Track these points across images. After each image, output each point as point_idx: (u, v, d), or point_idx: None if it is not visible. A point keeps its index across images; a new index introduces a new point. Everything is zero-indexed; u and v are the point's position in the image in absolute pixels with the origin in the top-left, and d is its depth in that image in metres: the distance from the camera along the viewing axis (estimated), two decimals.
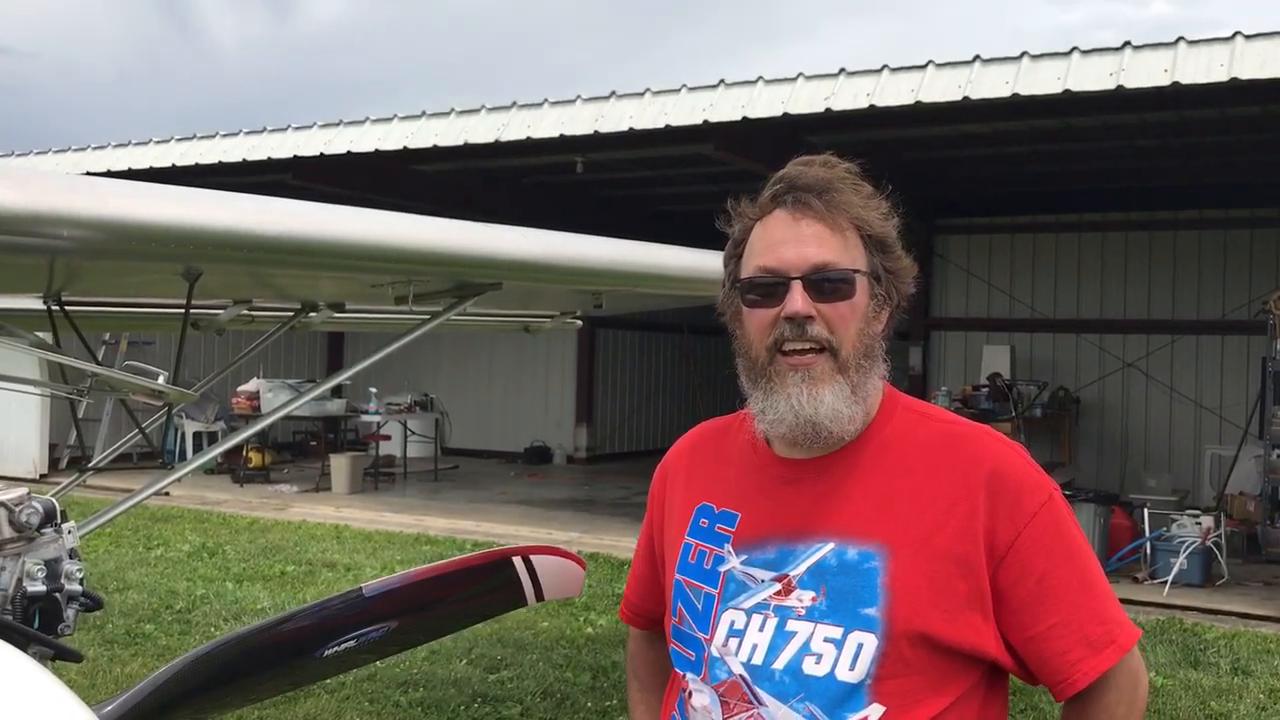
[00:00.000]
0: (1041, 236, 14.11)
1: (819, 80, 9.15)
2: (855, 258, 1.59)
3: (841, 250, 1.58)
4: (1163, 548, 8.82)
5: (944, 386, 13.19)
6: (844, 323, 1.57)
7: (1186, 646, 7.03)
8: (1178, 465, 13.01)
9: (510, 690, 5.82)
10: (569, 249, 3.45)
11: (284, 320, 4.11)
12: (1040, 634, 1.55)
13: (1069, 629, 1.55)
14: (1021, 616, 1.55)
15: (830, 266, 1.57)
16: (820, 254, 1.57)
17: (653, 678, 1.92)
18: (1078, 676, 1.55)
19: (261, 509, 11.93)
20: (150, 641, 6.59)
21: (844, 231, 1.59)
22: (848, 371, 1.57)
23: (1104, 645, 1.55)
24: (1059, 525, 1.58)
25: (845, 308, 1.57)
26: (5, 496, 1.94)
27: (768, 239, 1.61)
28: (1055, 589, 1.55)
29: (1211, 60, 7.76)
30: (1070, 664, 1.55)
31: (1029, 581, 1.54)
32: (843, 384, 1.57)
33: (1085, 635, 1.55)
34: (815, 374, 1.56)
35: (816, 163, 1.64)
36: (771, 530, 1.62)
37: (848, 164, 1.65)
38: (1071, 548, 1.58)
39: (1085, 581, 1.58)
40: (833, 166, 1.64)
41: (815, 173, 1.62)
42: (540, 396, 17.94)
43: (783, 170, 1.65)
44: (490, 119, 10.69)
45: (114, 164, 12.70)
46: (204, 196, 2.53)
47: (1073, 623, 1.55)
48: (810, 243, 1.57)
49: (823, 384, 1.56)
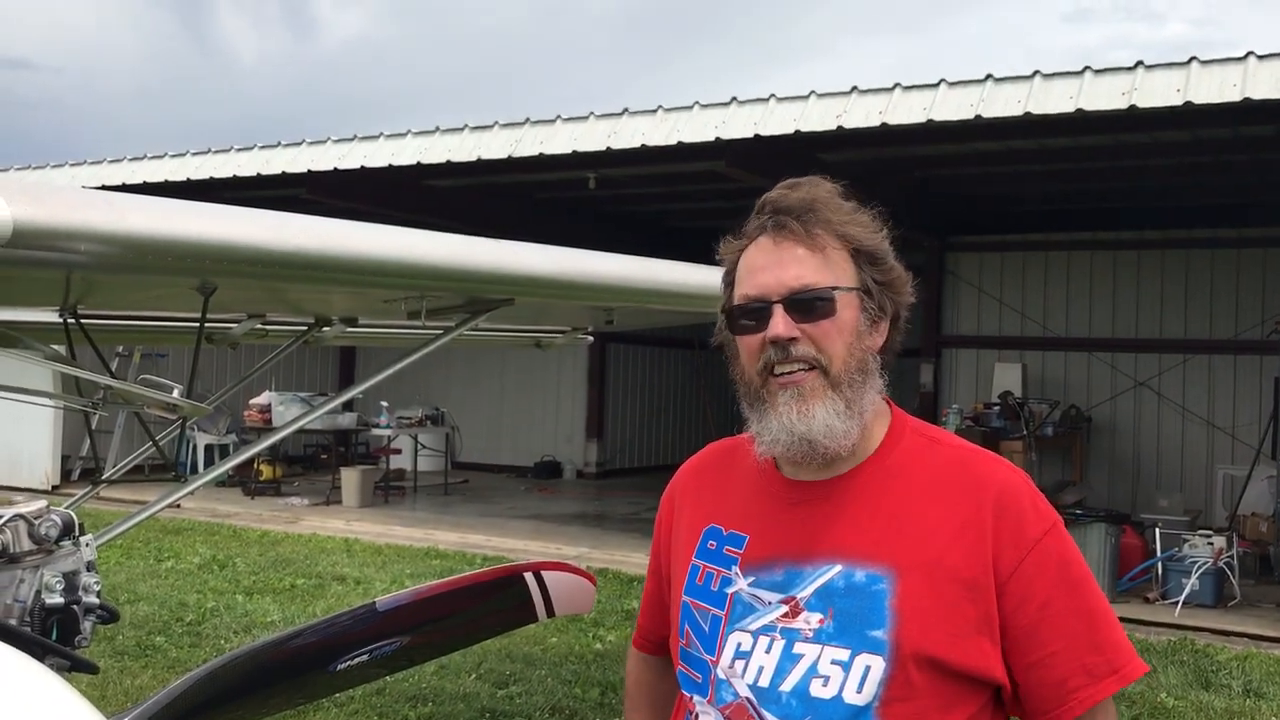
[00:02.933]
0: (1054, 254, 14.09)
1: (831, 98, 9.18)
2: (839, 275, 1.60)
3: (821, 269, 1.59)
4: (1174, 568, 8.77)
5: (955, 404, 13.17)
6: (829, 340, 1.58)
7: (1198, 668, 6.99)
8: (1190, 485, 12.94)
9: (519, 706, 5.81)
10: (582, 265, 3.46)
11: (297, 334, 4.13)
12: (1040, 660, 1.55)
13: (1069, 656, 1.55)
14: (1021, 644, 1.55)
15: (808, 288, 1.58)
16: (799, 276, 1.58)
17: (644, 698, 1.95)
18: (1074, 704, 1.55)
19: (272, 522, 11.95)
20: (161, 654, 6.60)
21: (825, 250, 1.60)
22: (840, 387, 1.58)
23: (1105, 675, 1.56)
24: (1061, 554, 1.58)
25: (829, 325, 1.58)
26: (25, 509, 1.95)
27: (750, 266, 1.63)
28: (1056, 617, 1.55)
29: (1224, 80, 7.76)
30: (1069, 691, 1.55)
31: (1030, 608, 1.55)
32: (835, 399, 1.57)
33: (1085, 664, 1.55)
34: (805, 390, 1.57)
35: (801, 184, 1.65)
36: (779, 552, 1.62)
37: (830, 184, 1.66)
38: (1074, 576, 1.58)
39: (1087, 610, 1.58)
40: (816, 186, 1.65)
41: (796, 195, 1.63)
42: (551, 411, 17.95)
43: (766, 194, 1.66)
44: (504, 134, 10.73)
45: (129, 178, 12.77)
46: (219, 211, 2.54)
47: (1073, 651, 1.55)
48: (790, 266, 1.59)
49: (813, 400, 1.57)
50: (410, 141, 11.33)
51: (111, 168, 13.30)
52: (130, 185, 12.36)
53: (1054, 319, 14.04)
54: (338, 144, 11.78)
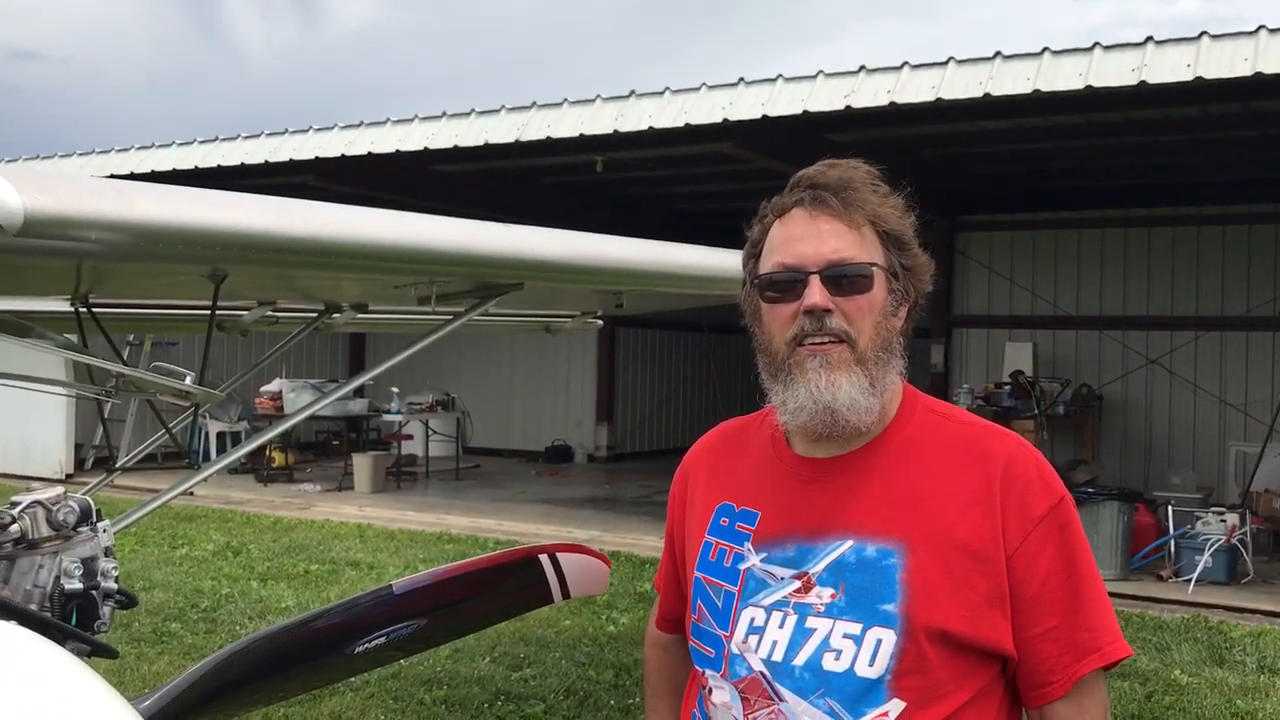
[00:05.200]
0: (1064, 233, 14.02)
1: (839, 78, 9.13)
2: (872, 253, 1.62)
3: (858, 246, 1.61)
4: (1187, 545, 8.77)
5: (966, 384, 13.13)
6: (861, 316, 1.60)
7: (1212, 645, 6.99)
8: (1202, 462, 12.91)
9: (533, 688, 5.84)
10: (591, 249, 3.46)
11: (308, 321, 4.14)
12: (1037, 635, 1.57)
13: (1061, 633, 1.57)
14: (1020, 617, 1.57)
15: (847, 261, 1.60)
16: (837, 249, 1.60)
17: (664, 684, 1.95)
18: (1063, 679, 1.57)
19: (285, 508, 12.00)
20: (176, 640, 6.65)
21: (860, 228, 1.62)
22: (865, 363, 1.60)
23: (1088, 651, 1.58)
24: (1065, 530, 1.60)
25: (862, 301, 1.60)
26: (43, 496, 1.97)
27: (786, 236, 1.64)
28: (1054, 592, 1.57)
29: (1235, 54, 7.71)
30: (1063, 666, 1.57)
31: (1034, 582, 1.56)
32: (860, 375, 1.59)
33: (1074, 640, 1.57)
34: (833, 361, 1.58)
35: (840, 164, 1.67)
36: (791, 528, 1.64)
37: (869, 166, 1.68)
38: (1075, 553, 1.60)
39: (1083, 588, 1.59)
40: (854, 168, 1.67)
41: (834, 173, 1.65)
42: (561, 395, 17.97)
43: (803, 171, 1.68)
44: (510, 119, 10.71)
45: (137, 166, 12.79)
46: (229, 199, 2.55)
47: (1065, 628, 1.57)
48: (827, 239, 1.60)
49: (840, 371, 1.58)
50: (417, 127, 11.31)
51: (120, 157, 13.31)
52: (139, 174, 12.38)
53: (1065, 297, 13.99)
54: (345, 130, 11.77)
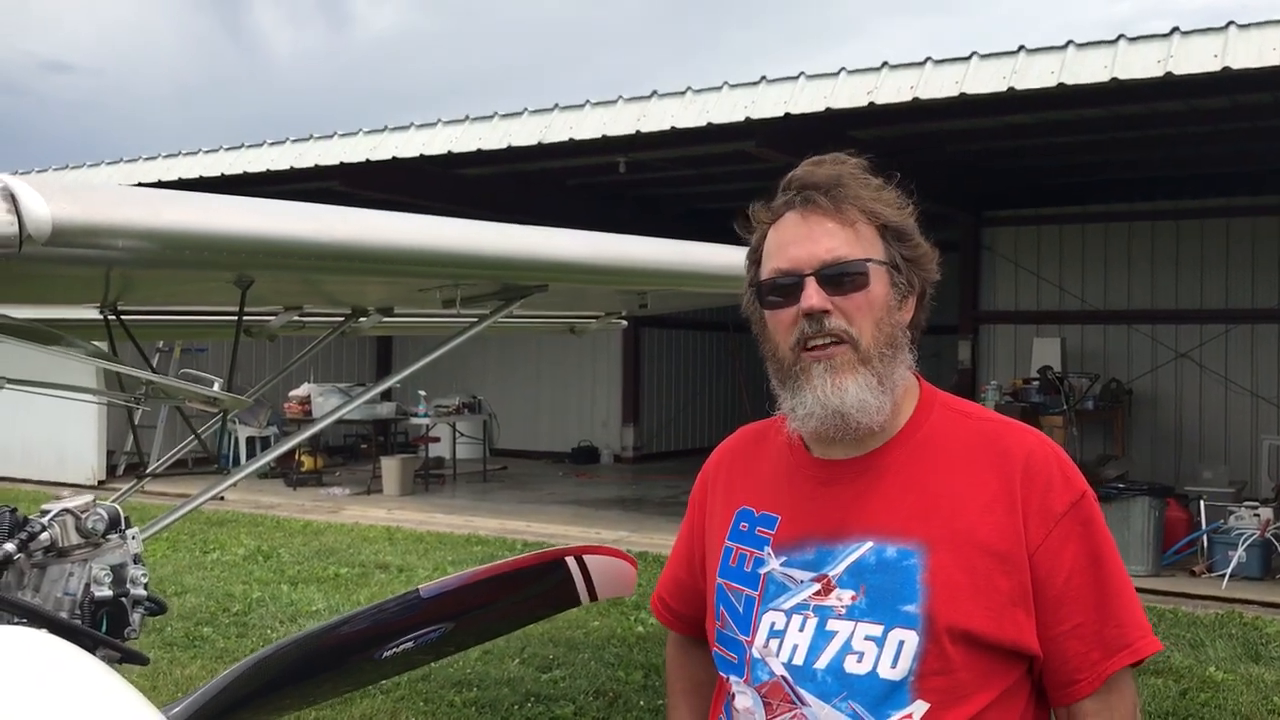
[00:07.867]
0: (1090, 227, 13.91)
1: (861, 74, 9.10)
2: (868, 249, 1.61)
3: (852, 243, 1.60)
4: (1220, 540, 8.68)
5: (994, 380, 13.06)
6: (861, 313, 1.59)
7: (1247, 640, 6.92)
8: (1234, 456, 12.76)
9: (563, 689, 5.85)
10: (614, 250, 3.46)
11: (334, 325, 4.16)
12: (1063, 633, 1.55)
13: (1089, 630, 1.55)
14: (1045, 615, 1.55)
15: (841, 260, 1.59)
16: (830, 249, 1.59)
17: (685, 682, 1.94)
18: (1093, 676, 1.55)
19: (314, 512, 12.07)
20: (208, 644, 6.69)
21: (854, 225, 1.61)
22: (870, 362, 1.58)
23: (1119, 649, 1.56)
24: (1088, 526, 1.58)
25: (861, 299, 1.59)
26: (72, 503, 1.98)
27: (780, 241, 1.64)
28: (1080, 589, 1.55)
29: (1264, 43, 7.63)
30: (1092, 664, 1.55)
31: (1058, 580, 1.55)
32: (866, 374, 1.58)
33: (1102, 637, 1.56)
34: (837, 364, 1.57)
35: (825, 161, 1.66)
36: (810, 531, 1.63)
37: (857, 159, 1.67)
38: (1099, 549, 1.58)
39: (1109, 584, 1.57)
40: (841, 163, 1.65)
41: (823, 171, 1.64)
42: (587, 397, 17.99)
43: (792, 172, 1.67)
44: (533, 121, 10.73)
45: (164, 174, 12.89)
46: (255, 205, 2.56)
47: (1093, 625, 1.55)
48: (820, 239, 1.59)
49: (845, 374, 1.57)
50: (441, 131, 11.35)
51: (147, 165, 13.42)
52: (165, 182, 12.46)
53: (1092, 292, 13.88)
54: (369, 135, 11.83)
